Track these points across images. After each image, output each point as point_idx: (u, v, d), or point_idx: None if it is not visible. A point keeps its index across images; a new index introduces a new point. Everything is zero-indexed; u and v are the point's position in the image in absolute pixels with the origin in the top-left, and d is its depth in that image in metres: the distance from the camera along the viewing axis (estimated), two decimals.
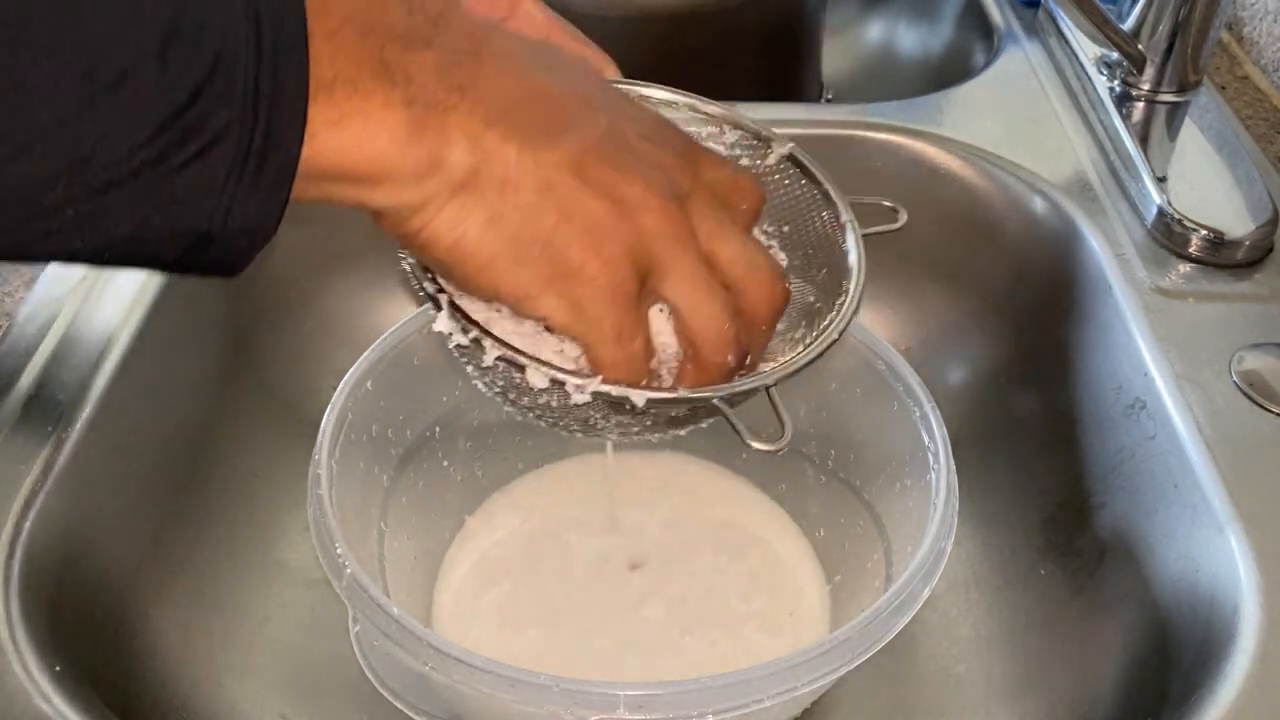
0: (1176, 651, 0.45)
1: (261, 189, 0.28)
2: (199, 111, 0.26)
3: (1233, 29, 0.76)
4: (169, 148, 0.26)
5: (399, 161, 0.30)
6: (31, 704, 0.40)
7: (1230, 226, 0.56)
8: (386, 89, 0.29)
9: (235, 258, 0.29)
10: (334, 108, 0.28)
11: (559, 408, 0.37)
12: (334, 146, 0.29)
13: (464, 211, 0.31)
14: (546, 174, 0.32)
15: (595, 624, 0.54)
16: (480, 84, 0.31)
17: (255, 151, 0.27)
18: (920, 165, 0.64)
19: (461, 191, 0.31)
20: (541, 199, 0.32)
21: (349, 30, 0.29)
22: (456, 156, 0.30)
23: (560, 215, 0.32)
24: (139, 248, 0.28)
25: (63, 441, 0.47)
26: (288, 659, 0.54)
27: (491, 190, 0.31)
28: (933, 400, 0.48)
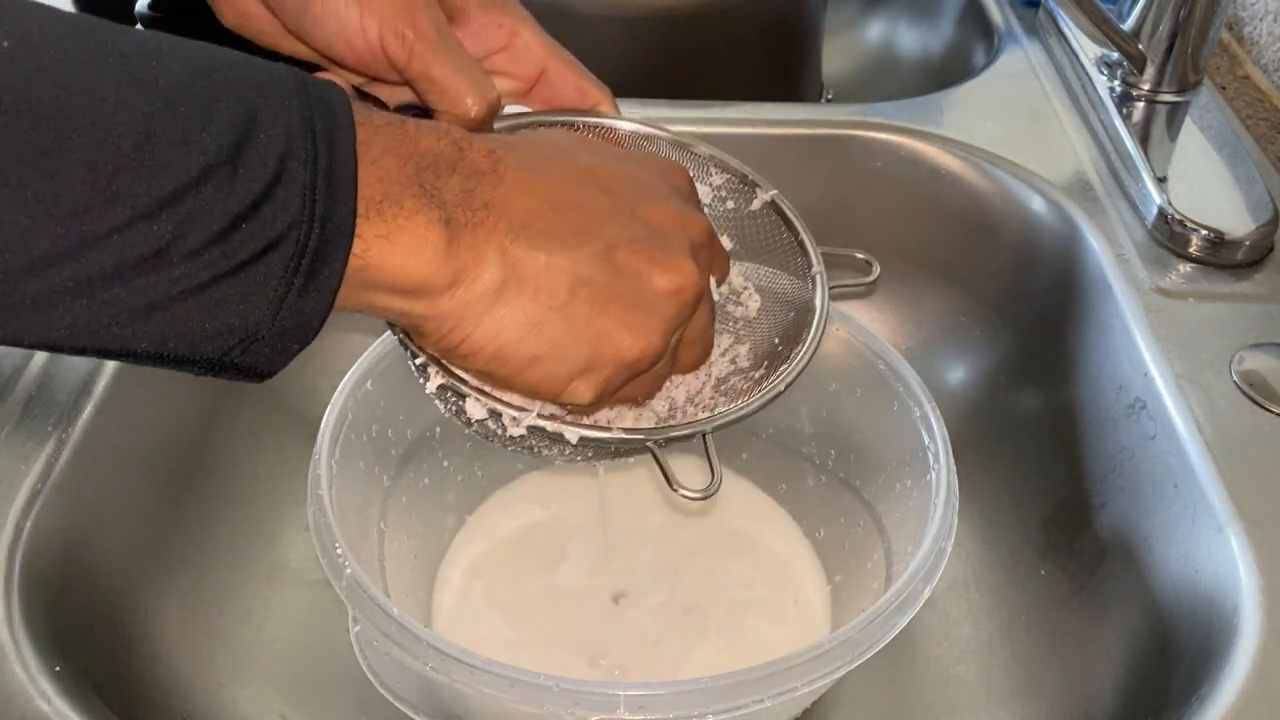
0: (1176, 651, 0.45)
1: (310, 293, 0.30)
2: (263, 216, 0.28)
3: (1233, 29, 0.76)
4: (235, 247, 0.28)
5: (439, 273, 0.32)
6: (31, 704, 0.40)
7: (1230, 226, 0.56)
8: (427, 209, 0.31)
9: (272, 360, 0.31)
10: (384, 224, 0.31)
11: (503, 435, 0.39)
12: (383, 258, 0.31)
13: (503, 320, 0.33)
14: (579, 271, 0.34)
15: (595, 622, 0.54)
16: (502, 200, 0.33)
17: (310, 256, 0.29)
18: (920, 165, 0.64)
19: (498, 301, 0.33)
20: (575, 296, 0.34)
21: (390, 158, 0.31)
22: (489, 267, 0.33)
23: (594, 308, 0.34)
24: (189, 345, 0.29)
25: (63, 441, 0.47)
26: (288, 659, 0.54)
27: (526, 296, 0.33)
28: (933, 400, 0.48)
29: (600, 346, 0.35)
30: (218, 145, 0.27)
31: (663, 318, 0.36)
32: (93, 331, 0.28)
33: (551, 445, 0.39)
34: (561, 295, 0.34)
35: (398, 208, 0.31)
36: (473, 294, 0.33)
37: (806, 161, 0.65)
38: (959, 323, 0.65)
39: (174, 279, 0.28)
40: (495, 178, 0.34)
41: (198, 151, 0.27)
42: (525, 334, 0.34)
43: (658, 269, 0.36)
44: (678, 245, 0.37)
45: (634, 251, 0.35)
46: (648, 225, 0.36)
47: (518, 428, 0.37)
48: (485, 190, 0.33)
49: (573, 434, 0.37)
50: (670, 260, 0.36)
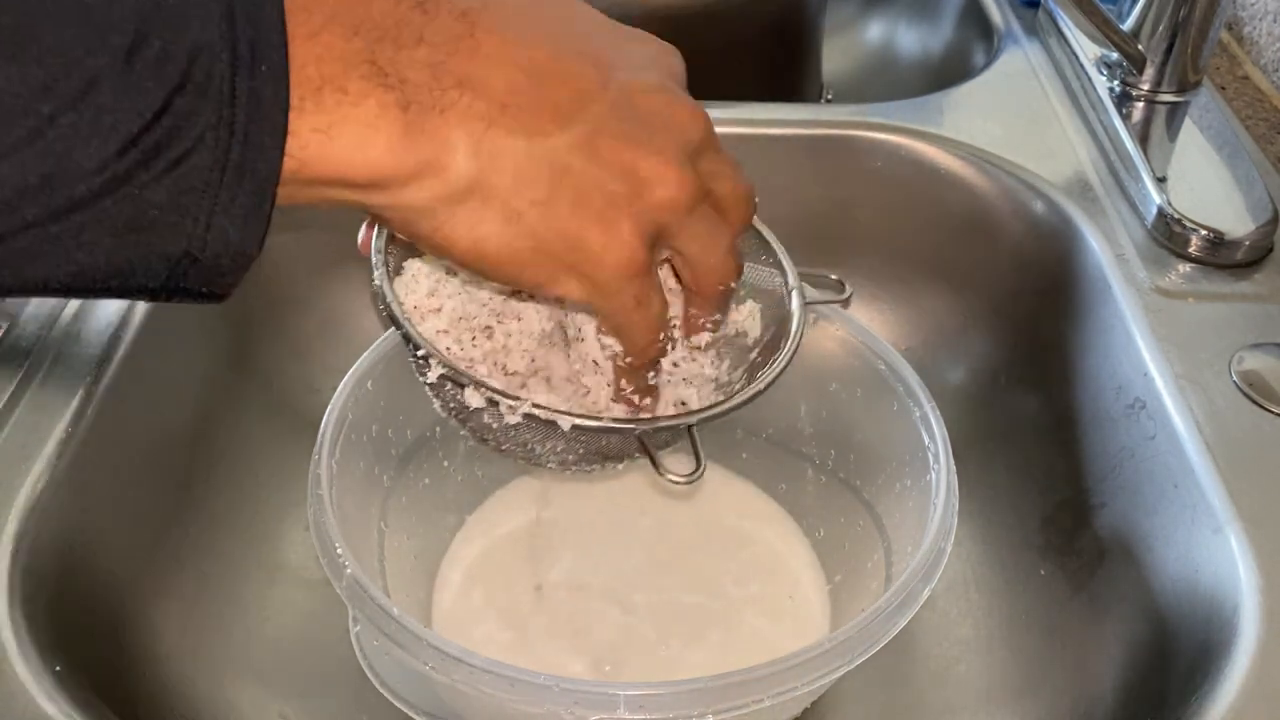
0: (1176, 651, 0.45)
1: (241, 204, 0.26)
2: (170, 123, 0.25)
3: (1233, 29, 0.76)
4: (139, 162, 0.25)
5: (398, 167, 0.28)
6: (33, 704, 0.40)
7: (1230, 226, 0.56)
8: (380, 92, 0.27)
9: (221, 280, 0.28)
10: (323, 115, 0.27)
11: (499, 429, 0.39)
12: (324, 155, 0.27)
13: (479, 214, 0.30)
14: (559, 160, 0.30)
15: (595, 622, 0.54)
16: (478, 74, 0.29)
17: (233, 164, 0.26)
18: (920, 165, 0.64)
19: (472, 194, 0.30)
20: (556, 188, 0.31)
21: (334, 28, 0.27)
22: (460, 160, 0.29)
23: (576, 201, 0.31)
24: (118, 275, 0.26)
25: (63, 441, 0.47)
26: (288, 659, 0.54)
27: (504, 189, 0.30)
28: (933, 400, 0.48)
29: (582, 245, 0.32)
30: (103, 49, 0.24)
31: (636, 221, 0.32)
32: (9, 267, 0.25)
33: (544, 441, 0.39)
34: (542, 187, 0.30)
35: (340, 94, 0.27)
36: (442, 187, 0.29)
37: (806, 161, 0.65)
38: (959, 323, 0.65)
39: (73, 206, 0.24)
40: (471, 44, 0.29)
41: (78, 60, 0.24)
42: (503, 228, 0.30)
43: (643, 165, 0.32)
44: (669, 142, 0.32)
45: (619, 139, 0.31)
46: (634, 109, 0.32)
47: (514, 415, 0.37)
48: (458, 62, 0.29)
49: (566, 421, 0.37)
50: (663, 154, 0.32)
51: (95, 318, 0.53)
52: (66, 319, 0.52)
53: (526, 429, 0.38)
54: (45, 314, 0.53)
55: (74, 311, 0.53)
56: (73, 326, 0.52)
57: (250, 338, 0.62)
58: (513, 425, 0.38)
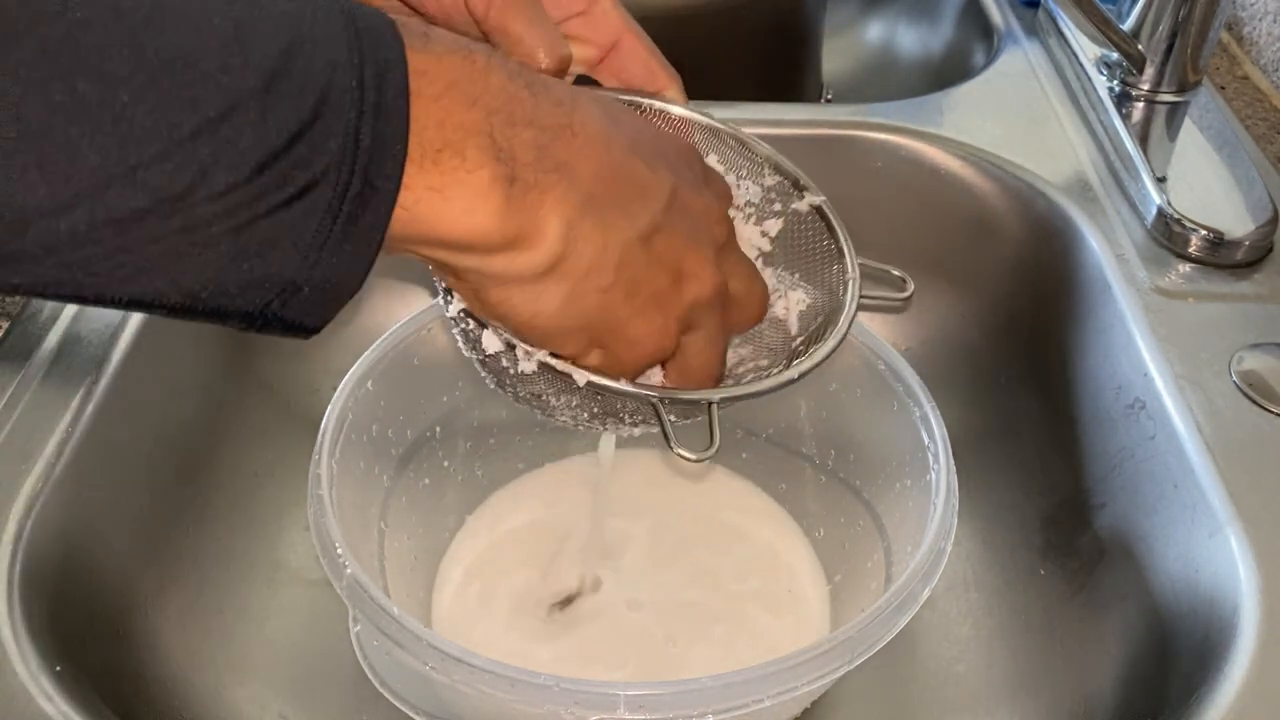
0: (1176, 651, 0.45)
1: (352, 241, 0.27)
2: (299, 154, 0.26)
3: (1233, 29, 0.76)
4: (266, 189, 0.26)
5: (495, 236, 0.30)
6: (33, 703, 0.40)
7: (1230, 226, 0.56)
8: (493, 164, 0.29)
9: (317, 313, 0.29)
10: (440, 175, 0.28)
11: (515, 376, 0.38)
12: (434, 214, 0.28)
13: (546, 292, 0.32)
14: (625, 252, 0.33)
15: (596, 621, 0.54)
16: (573, 162, 0.31)
17: (349, 203, 0.27)
18: (920, 165, 0.64)
19: (549, 275, 0.32)
20: (618, 278, 0.33)
21: (455, 96, 0.28)
22: (551, 239, 0.31)
23: (629, 291, 0.33)
24: (224, 296, 0.27)
25: (63, 441, 0.47)
26: (288, 659, 0.54)
27: (577, 274, 0.32)
28: (933, 400, 0.48)
29: (623, 332, 0.34)
30: (247, 77, 0.25)
31: (677, 317, 0.35)
32: (116, 279, 0.26)
33: (559, 394, 0.39)
34: (608, 277, 0.33)
35: (459, 159, 0.28)
36: (528, 261, 0.31)
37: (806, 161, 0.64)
38: (959, 323, 0.65)
39: (199, 222, 0.25)
40: (569, 133, 0.31)
41: (224, 85, 0.25)
42: (563, 307, 0.33)
43: (687, 262, 0.35)
44: (707, 239, 0.36)
45: (671, 239, 0.34)
46: (682, 208, 0.35)
47: (530, 362, 0.37)
48: (559, 148, 0.31)
49: (581, 377, 0.36)
50: (700, 255, 0.35)
51: (95, 318, 0.53)
52: (66, 319, 0.52)
53: (541, 379, 0.38)
54: (45, 314, 0.53)
55: (74, 312, 0.53)
56: (73, 327, 0.52)
57: (250, 338, 0.62)
58: (528, 374, 0.38)
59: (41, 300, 0.53)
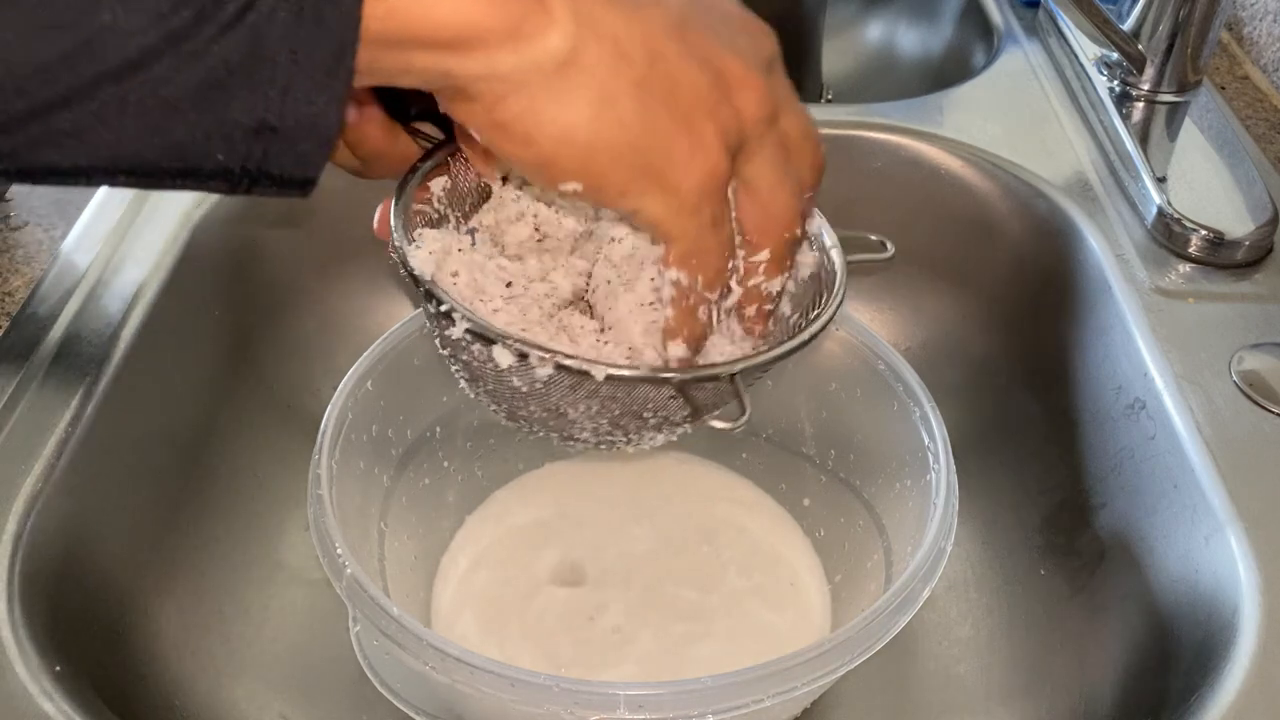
0: (1176, 651, 0.45)
1: (321, 58, 0.23)
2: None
3: (1233, 29, 0.76)
4: (199, 13, 0.22)
5: (491, 20, 0.25)
6: (33, 703, 0.40)
7: (1230, 226, 0.56)
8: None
9: (303, 160, 0.25)
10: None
11: (528, 393, 0.37)
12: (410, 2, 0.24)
13: (574, 91, 0.27)
14: (654, 42, 0.28)
15: (596, 621, 0.54)
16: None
17: (308, 11, 0.23)
18: (920, 165, 0.64)
19: (569, 66, 0.27)
20: (652, 72, 0.28)
21: None
22: (560, 21, 0.26)
23: (668, 92, 0.28)
24: (191, 151, 0.24)
25: (63, 441, 0.47)
26: (288, 659, 0.54)
27: (604, 64, 0.27)
28: (933, 400, 0.48)
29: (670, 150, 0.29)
30: None
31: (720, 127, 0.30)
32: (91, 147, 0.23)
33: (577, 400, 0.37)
34: (640, 65, 0.28)
35: None
36: (538, 55, 0.26)
37: None
38: (959, 323, 0.65)
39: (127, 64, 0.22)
40: None
41: None
42: (600, 111, 0.27)
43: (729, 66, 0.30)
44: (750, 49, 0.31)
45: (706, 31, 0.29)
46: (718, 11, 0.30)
47: (546, 366, 0.34)
48: None
49: (600, 371, 0.34)
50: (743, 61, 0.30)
51: (95, 317, 0.53)
52: (67, 319, 0.52)
53: (557, 387, 0.36)
54: (45, 314, 0.53)
55: (74, 311, 0.53)
56: (73, 326, 0.52)
57: (250, 338, 0.62)
58: (542, 384, 0.36)
59: (41, 299, 0.53)
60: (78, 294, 0.54)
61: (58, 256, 0.56)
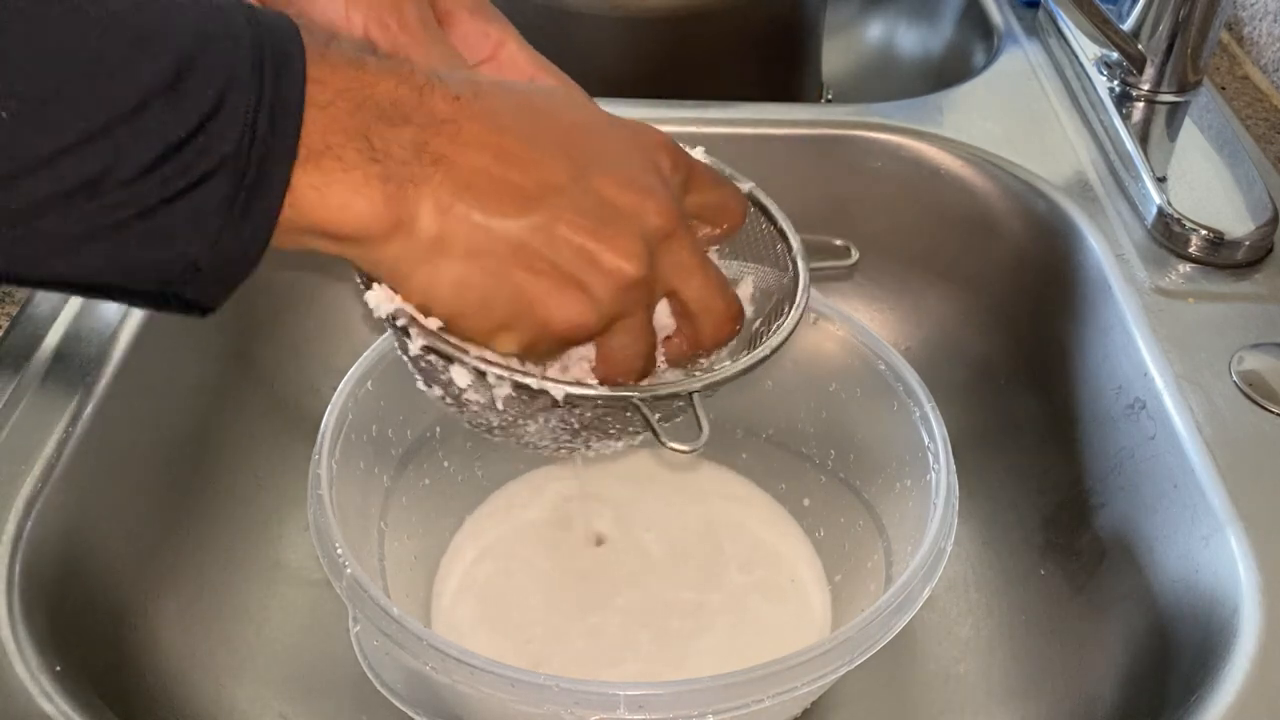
0: (1176, 652, 0.45)
1: (248, 224, 0.30)
2: (200, 144, 0.28)
3: (1233, 29, 0.76)
4: (173, 174, 0.28)
5: (374, 226, 0.32)
6: (33, 703, 0.40)
7: (1230, 226, 0.56)
8: (366, 164, 0.31)
9: (214, 292, 0.31)
10: (320, 175, 0.31)
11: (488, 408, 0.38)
12: (315, 207, 0.31)
13: (434, 273, 0.34)
14: (515, 238, 0.34)
15: (596, 620, 0.54)
16: (452, 156, 0.33)
17: (245, 190, 0.29)
18: (920, 165, 0.64)
19: (432, 255, 0.33)
20: (508, 262, 0.34)
21: (342, 103, 0.31)
22: (424, 224, 0.33)
23: (529, 269, 0.34)
24: (129, 275, 0.29)
25: (63, 441, 0.47)
26: (288, 659, 0.54)
27: (460, 253, 0.33)
28: (933, 400, 0.48)
29: (527, 311, 0.35)
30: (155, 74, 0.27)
31: (595, 298, 0.35)
32: (27, 260, 0.28)
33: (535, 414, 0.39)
34: (494, 259, 0.34)
35: (336, 161, 0.31)
36: (408, 248, 0.33)
37: (806, 162, 0.65)
38: (959, 323, 0.65)
39: (108, 208, 0.28)
40: (453, 128, 0.33)
41: (134, 81, 0.27)
42: (453, 289, 0.34)
43: (601, 249, 0.35)
44: (628, 228, 0.35)
45: (577, 227, 0.34)
46: (600, 201, 0.35)
47: (503, 386, 0.37)
48: (439, 143, 0.33)
49: (558, 390, 0.37)
50: (616, 243, 0.35)
51: (95, 317, 0.53)
52: (67, 319, 0.52)
53: (517, 403, 0.38)
54: (45, 314, 0.53)
55: (74, 312, 0.53)
56: (73, 327, 0.52)
57: (250, 338, 0.62)
58: (501, 400, 0.38)
59: (42, 299, 0.53)
60: None
61: None
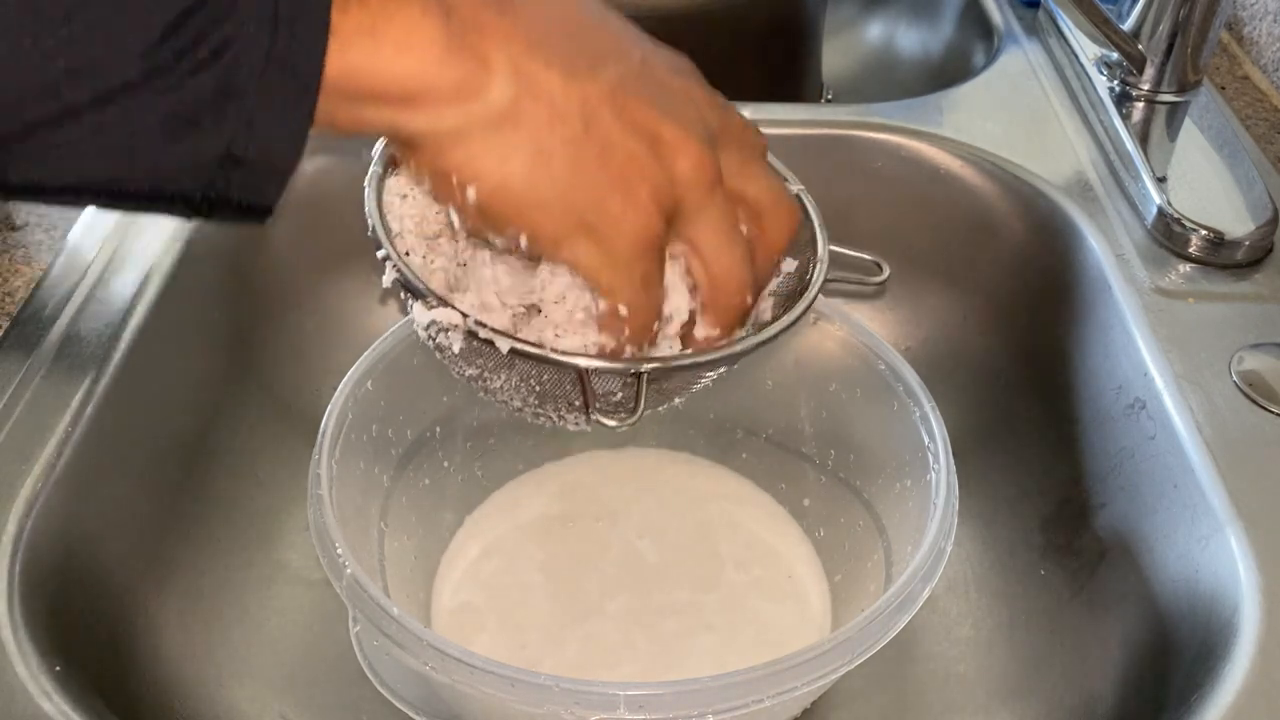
0: (1176, 651, 0.45)
1: (285, 100, 0.26)
2: (213, 10, 0.24)
3: (1233, 29, 0.76)
4: (179, 51, 0.24)
5: (438, 78, 0.28)
6: (32, 703, 0.40)
7: (1230, 226, 0.56)
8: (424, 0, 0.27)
9: (263, 190, 0.27)
10: (366, 14, 0.26)
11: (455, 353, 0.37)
12: (366, 57, 0.27)
13: (510, 145, 0.29)
14: (590, 105, 0.30)
15: (595, 621, 0.54)
16: (520, 6, 0.29)
17: (277, 56, 0.25)
18: (920, 165, 0.64)
19: (507, 121, 0.29)
20: (586, 133, 0.30)
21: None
22: (500, 80, 0.29)
23: (602, 153, 0.30)
24: (159, 175, 0.26)
25: (64, 442, 0.47)
26: (288, 659, 0.54)
27: (539, 122, 0.29)
28: (933, 400, 0.48)
29: (603, 205, 0.31)
30: None
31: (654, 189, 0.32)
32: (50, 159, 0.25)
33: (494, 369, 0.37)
34: (575, 125, 0.30)
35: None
36: (480, 110, 0.29)
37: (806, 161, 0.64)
38: (959, 323, 0.65)
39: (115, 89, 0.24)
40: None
41: None
42: (534, 165, 0.30)
43: (666, 131, 0.31)
44: (691, 117, 0.32)
45: (642, 99, 0.31)
46: (658, 81, 0.32)
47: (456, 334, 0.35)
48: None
49: (504, 343, 0.35)
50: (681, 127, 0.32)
51: (95, 317, 0.53)
52: (67, 319, 0.52)
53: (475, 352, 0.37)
54: (45, 314, 0.53)
55: (74, 312, 0.53)
56: (73, 327, 0.52)
57: (250, 338, 0.62)
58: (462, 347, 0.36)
59: (42, 299, 0.53)
60: (78, 294, 0.54)
61: (58, 256, 0.56)
